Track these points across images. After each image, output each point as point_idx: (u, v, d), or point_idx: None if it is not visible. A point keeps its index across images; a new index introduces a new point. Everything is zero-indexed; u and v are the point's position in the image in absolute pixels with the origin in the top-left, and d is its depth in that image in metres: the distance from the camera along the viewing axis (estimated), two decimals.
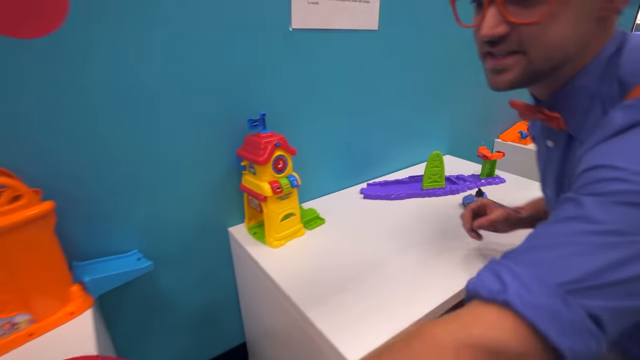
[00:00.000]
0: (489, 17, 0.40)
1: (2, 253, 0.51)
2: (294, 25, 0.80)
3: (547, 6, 0.36)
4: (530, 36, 0.39)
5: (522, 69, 0.41)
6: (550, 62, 0.40)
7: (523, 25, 0.38)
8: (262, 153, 0.73)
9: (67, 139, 0.62)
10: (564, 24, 0.37)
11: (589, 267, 0.29)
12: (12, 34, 0.54)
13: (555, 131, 0.48)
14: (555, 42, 0.38)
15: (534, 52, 0.40)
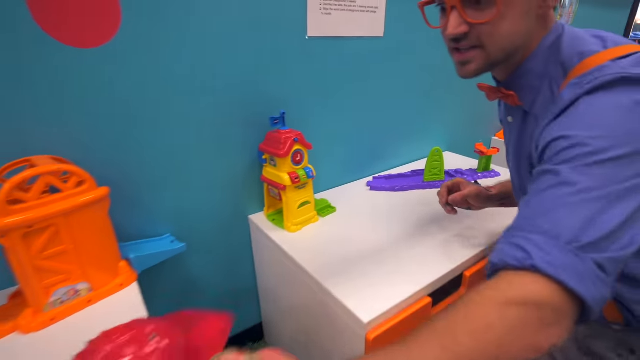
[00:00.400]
0: (452, 19, 0.49)
1: (69, 230, 0.60)
2: (309, 34, 0.89)
3: (496, 8, 0.45)
4: (485, 33, 0.48)
5: (482, 60, 0.50)
6: (503, 52, 0.49)
7: (479, 24, 0.47)
8: (282, 147, 0.82)
9: (116, 136, 0.71)
10: (510, 21, 0.47)
11: (580, 222, 0.35)
12: (77, 44, 0.63)
13: (514, 108, 0.57)
14: (505, 35, 0.48)
15: (490, 46, 0.49)
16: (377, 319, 0.62)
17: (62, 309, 0.62)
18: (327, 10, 0.90)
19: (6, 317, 0.60)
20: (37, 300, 0.59)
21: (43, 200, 0.57)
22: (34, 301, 0.59)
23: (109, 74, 0.68)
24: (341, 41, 0.96)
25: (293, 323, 0.91)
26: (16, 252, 0.56)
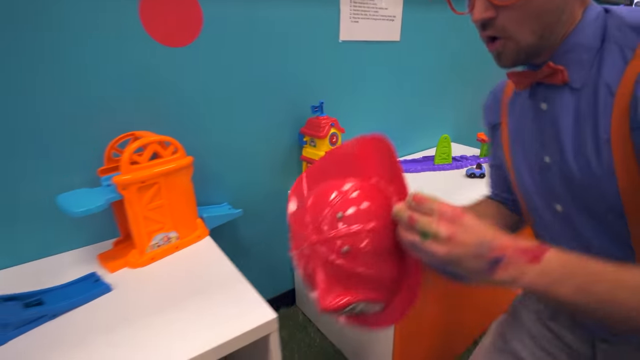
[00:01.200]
0: (478, 3, 0.45)
1: (167, 188, 0.77)
2: (341, 38, 1.07)
3: None
4: (511, 19, 0.44)
5: (514, 50, 0.46)
6: (534, 34, 0.44)
7: (506, 7, 0.43)
8: (321, 130, 0.99)
9: (195, 119, 0.89)
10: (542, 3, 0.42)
11: None
12: (169, 44, 0.81)
13: (549, 91, 0.50)
14: (536, 15, 0.43)
15: (517, 33, 0.44)
16: None
17: (158, 251, 0.78)
18: (355, 19, 1.09)
19: (116, 257, 0.77)
20: (142, 243, 0.76)
21: (151, 163, 0.74)
22: (139, 244, 0.76)
23: (192, 68, 0.85)
24: (366, 44, 1.14)
25: None
26: (131, 202, 0.72)
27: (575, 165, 0.48)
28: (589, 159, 0.46)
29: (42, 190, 0.75)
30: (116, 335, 0.58)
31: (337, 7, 1.04)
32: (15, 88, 0.67)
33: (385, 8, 1.14)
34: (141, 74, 0.79)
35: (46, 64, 0.69)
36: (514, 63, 0.47)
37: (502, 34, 0.45)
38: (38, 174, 0.74)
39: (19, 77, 0.67)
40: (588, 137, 0.46)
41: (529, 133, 0.55)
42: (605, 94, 0.43)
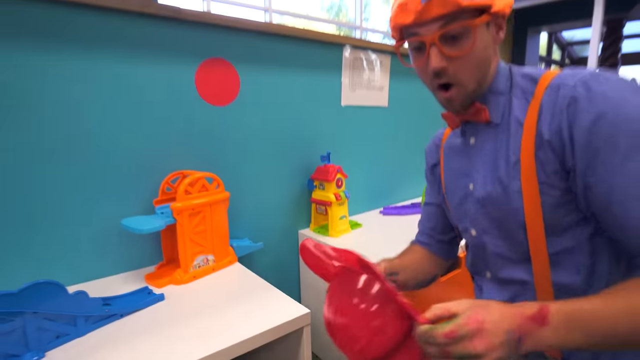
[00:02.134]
0: (433, 55, 0.52)
1: (209, 216, 0.93)
2: (342, 103, 1.33)
3: (471, 41, 0.51)
4: (460, 68, 0.53)
5: (463, 94, 0.55)
6: (476, 81, 0.55)
7: (456, 58, 0.52)
8: (329, 175, 1.20)
9: (230, 164, 1.08)
10: (479, 54, 0.53)
11: None
12: (215, 104, 1.03)
13: (475, 128, 0.61)
14: (477, 65, 0.54)
15: (466, 80, 0.54)
16: None
17: (199, 271, 0.91)
18: (353, 89, 1.36)
19: (162, 276, 0.89)
20: (186, 262, 0.89)
21: (199, 194, 0.91)
22: (184, 263, 0.89)
23: (229, 122, 1.06)
24: (362, 108, 1.40)
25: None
26: (182, 226, 0.87)
27: (491, 185, 0.58)
28: (502, 178, 0.56)
29: (106, 218, 0.89)
30: (179, 328, 0.70)
31: (339, 79, 1.31)
32: (96, 135, 0.86)
33: (376, 80, 1.43)
34: (191, 125, 1.00)
35: (122, 118, 0.89)
36: (462, 107, 0.57)
37: (454, 80, 0.54)
38: (105, 204, 0.89)
39: (102, 127, 0.86)
40: (502, 160, 0.57)
41: (460, 167, 0.65)
42: (516, 125, 0.55)
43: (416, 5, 0.52)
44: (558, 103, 0.50)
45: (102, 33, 0.84)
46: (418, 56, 0.56)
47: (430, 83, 0.57)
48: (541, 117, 0.52)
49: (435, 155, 0.75)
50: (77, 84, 0.82)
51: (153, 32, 0.90)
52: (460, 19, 0.51)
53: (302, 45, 1.19)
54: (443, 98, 0.58)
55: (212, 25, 0.99)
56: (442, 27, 0.52)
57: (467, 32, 0.52)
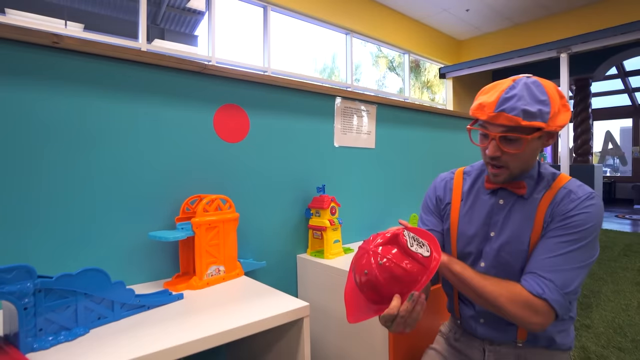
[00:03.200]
0: (491, 147, 0.76)
1: (222, 232, 1.08)
2: (335, 144, 1.55)
3: (522, 146, 0.75)
4: (511, 159, 0.77)
5: (507, 175, 0.80)
6: (520, 171, 0.81)
7: (508, 153, 0.76)
8: (324, 204, 1.37)
9: (241, 191, 1.26)
10: (527, 154, 0.78)
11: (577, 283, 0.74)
12: (229, 141, 1.23)
13: (509, 194, 0.85)
14: (524, 161, 0.79)
15: (512, 168, 0.79)
16: None
17: (211, 279, 1.05)
18: (344, 132, 1.59)
19: (179, 283, 1.03)
20: (201, 270, 1.03)
21: (215, 213, 1.08)
22: (199, 271, 1.03)
23: (241, 156, 1.26)
24: (352, 149, 1.62)
25: (330, 310, 1.30)
26: (200, 238, 1.03)
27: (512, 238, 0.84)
28: (522, 234, 0.83)
29: (135, 233, 1.05)
30: (196, 317, 0.83)
31: (332, 124, 1.55)
32: (131, 165, 1.05)
33: (364, 126, 1.67)
34: (209, 158, 1.19)
35: (153, 152, 1.08)
36: (503, 182, 0.83)
37: (504, 165, 0.79)
38: (134, 222, 1.05)
39: (137, 158, 1.05)
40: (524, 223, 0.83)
41: (482, 216, 0.89)
42: (535, 201, 0.83)
43: (490, 110, 0.75)
44: (567, 201, 0.79)
45: (143, 84, 1.06)
46: (483, 140, 0.82)
47: (485, 159, 0.83)
48: (552, 204, 0.80)
49: (449, 195, 0.97)
50: (122, 125, 1.03)
51: (183, 82, 1.13)
52: (517, 131, 0.74)
53: (301, 95, 1.43)
54: (492, 173, 0.83)
55: (229, 77, 1.23)
56: (503, 132, 0.75)
57: (520, 139, 0.75)
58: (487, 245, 0.87)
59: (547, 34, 5.53)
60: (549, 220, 0.79)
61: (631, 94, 8.94)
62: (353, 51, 5.21)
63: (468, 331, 0.94)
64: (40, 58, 0.91)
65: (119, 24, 4.09)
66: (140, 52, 1.03)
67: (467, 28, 6.36)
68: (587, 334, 1.81)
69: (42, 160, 0.91)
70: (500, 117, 0.73)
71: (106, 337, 0.73)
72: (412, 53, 6.15)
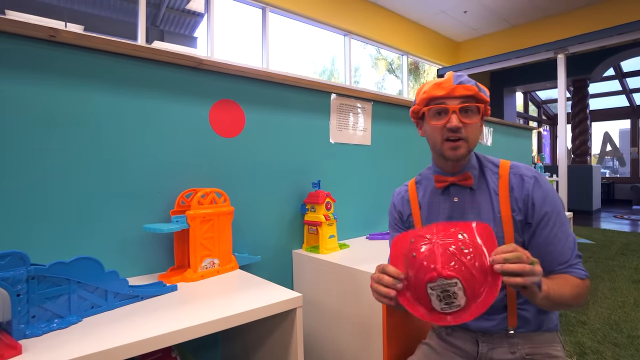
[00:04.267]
0: (454, 117, 0.80)
1: (217, 225, 1.09)
2: (331, 140, 1.56)
3: (478, 116, 0.82)
4: (470, 131, 0.81)
5: (466, 148, 0.82)
6: (474, 143, 0.83)
7: (467, 124, 0.81)
8: (320, 199, 1.38)
9: (236, 184, 1.26)
10: (479, 127, 0.84)
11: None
12: (224, 136, 1.24)
13: (459, 190, 0.89)
14: (476, 138, 0.83)
15: (470, 139, 0.82)
16: None
17: (206, 272, 1.06)
18: (340, 129, 1.60)
19: (174, 275, 1.03)
20: (195, 263, 1.04)
21: (210, 206, 1.08)
22: (194, 264, 1.04)
23: (236, 151, 1.27)
24: (348, 145, 1.63)
25: (324, 306, 1.30)
26: (194, 230, 1.04)
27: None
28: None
29: (130, 226, 1.06)
30: (189, 307, 0.84)
31: (328, 120, 1.56)
32: (126, 158, 1.05)
33: (359, 123, 1.68)
34: (204, 152, 1.20)
35: (149, 145, 1.09)
36: (462, 156, 0.83)
37: (464, 136, 0.82)
38: (129, 215, 1.06)
39: (131, 152, 1.06)
40: (486, 215, 0.86)
41: (440, 216, 0.91)
42: (492, 193, 0.87)
43: (449, 84, 0.82)
44: (525, 186, 0.84)
45: (139, 78, 1.07)
46: (439, 118, 0.84)
47: (441, 137, 0.84)
48: (513, 192, 0.85)
49: (407, 208, 0.99)
50: (118, 118, 1.04)
51: (179, 77, 1.14)
52: (474, 100, 0.82)
53: (297, 91, 1.44)
54: (451, 147, 0.83)
55: (224, 73, 1.24)
56: (462, 102, 0.81)
57: (475, 110, 0.83)
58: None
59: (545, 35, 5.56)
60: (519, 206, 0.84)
61: (629, 95, 8.97)
62: (352, 53, 5.23)
63: (460, 325, 0.94)
64: (37, 52, 0.92)
65: (119, 25, 4.11)
66: (136, 47, 1.04)
67: (464, 30, 6.39)
68: (583, 330, 1.81)
69: (36, 153, 0.92)
70: (459, 88, 0.81)
71: (99, 325, 0.73)
72: (411, 54, 6.18)
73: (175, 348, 0.94)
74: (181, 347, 1.01)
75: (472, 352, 0.91)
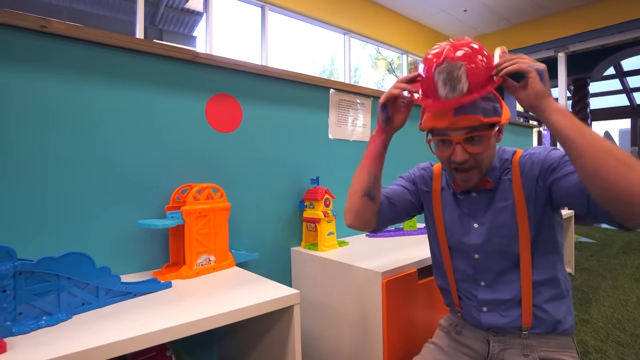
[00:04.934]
0: (458, 150, 0.75)
1: (213, 221, 1.07)
2: (330, 136, 1.54)
3: (487, 144, 0.76)
4: (479, 158, 0.77)
5: (477, 175, 0.80)
6: (486, 167, 0.81)
7: (475, 154, 0.76)
8: (318, 195, 1.36)
9: (232, 179, 1.24)
10: (491, 150, 0.80)
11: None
12: (221, 131, 1.22)
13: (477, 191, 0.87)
14: (489, 157, 0.80)
15: (482, 164, 0.79)
16: (386, 273, 1.07)
17: (202, 269, 1.03)
18: (339, 125, 1.57)
19: (168, 273, 1.01)
20: (191, 260, 1.02)
21: (206, 201, 1.06)
22: (189, 260, 1.01)
23: (233, 146, 1.25)
24: (346, 142, 1.61)
25: (323, 304, 1.28)
26: (190, 227, 1.01)
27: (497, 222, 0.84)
28: (503, 216, 0.83)
29: (124, 222, 1.03)
30: (184, 305, 0.82)
31: (327, 116, 1.53)
32: (120, 152, 1.03)
33: (359, 119, 1.66)
34: (200, 147, 1.18)
35: (143, 140, 1.07)
36: (474, 185, 0.83)
37: (473, 166, 0.79)
38: (123, 211, 1.03)
39: (126, 147, 1.04)
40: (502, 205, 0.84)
41: (461, 212, 0.90)
42: (506, 183, 0.84)
43: (449, 116, 0.74)
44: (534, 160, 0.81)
45: (133, 71, 1.05)
46: (444, 148, 0.80)
47: (450, 167, 0.82)
48: (523, 175, 0.82)
49: (428, 185, 0.99)
50: (112, 112, 1.01)
51: (174, 71, 1.12)
52: (479, 130, 0.75)
53: (294, 86, 1.42)
54: (462, 179, 0.82)
55: (221, 67, 1.22)
56: (467, 133, 0.75)
57: (483, 137, 0.76)
58: (474, 237, 0.87)
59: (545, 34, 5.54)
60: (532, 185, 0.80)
61: (629, 94, 8.95)
62: (352, 53, 5.21)
63: (471, 323, 0.92)
64: (28, 42, 0.90)
65: (118, 24, 4.09)
66: (131, 39, 1.02)
67: (465, 29, 6.36)
68: (585, 328, 1.78)
69: (28, 147, 0.90)
70: (462, 120, 0.74)
71: (89, 322, 0.71)
72: (410, 54, 6.15)
73: (169, 346, 0.92)
74: (176, 346, 0.99)
75: (483, 353, 0.88)
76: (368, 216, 0.94)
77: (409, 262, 1.16)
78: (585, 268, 2.83)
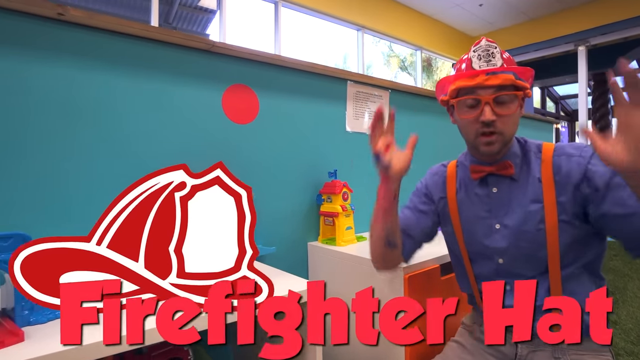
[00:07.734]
0: (487, 110, 0.72)
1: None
2: (347, 129, 1.50)
3: (516, 106, 0.73)
4: (505, 123, 0.73)
5: (501, 142, 0.74)
6: (511, 135, 0.75)
7: (503, 115, 0.73)
8: (337, 189, 1.32)
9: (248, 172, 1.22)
10: (517, 118, 0.75)
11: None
12: (237, 122, 1.20)
13: (496, 180, 0.80)
14: (514, 125, 0.75)
15: (507, 132, 0.74)
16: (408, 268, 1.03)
17: None
18: (357, 117, 1.54)
19: None
20: None
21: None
22: None
23: (250, 137, 1.22)
24: (364, 135, 1.57)
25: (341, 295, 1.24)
26: None
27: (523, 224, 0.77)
28: (531, 219, 0.77)
29: None
30: None
31: (344, 109, 1.50)
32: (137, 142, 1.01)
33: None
34: (216, 138, 1.16)
35: (159, 130, 1.05)
36: (497, 151, 0.77)
37: (498, 130, 0.74)
38: None
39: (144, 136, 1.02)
40: (530, 207, 0.77)
41: (481, 210, 0.84)
42: (537, 180, 0.77)
43: (480, 76, 0.73)
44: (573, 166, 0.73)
45: (149, 60, 1.03)
46: (470, 111, 0.76)
47: (475, 131, 0.76)
48: (558, 175, 0.75)
49: (443, 191, 0.93)
50: (127, 101, 1.00)
51: (190, 60, 1.10)
52: (509, 89, 0.73)
53: (311, 77, 1.39)
54: (485, 142, 0.76)
55: (237, 57, 1.19)
56: (495, 92, 0.73)
57: (511, 100, 0.74)
58: (498, 240, 0.81)
59: (565, 27, 5.38)
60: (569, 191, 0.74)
61: None
62: (365, 50, 5.15)
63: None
64: (44, 30, 0.89)
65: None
66: (147, 27, 1.00)
67: (480, 23, 6.23)
68: (614, 330, 1.71)
69: (39, 137, 0.89)
70: (494, 77, 0.73)
71: None
72: (424, 49, 6.06)
73: None
74: None
75: (510, 354, 0.83)
76: (395, 257, 0.92)
77: (431, 258, 1.11)
78: (610, 268, 2.74)
